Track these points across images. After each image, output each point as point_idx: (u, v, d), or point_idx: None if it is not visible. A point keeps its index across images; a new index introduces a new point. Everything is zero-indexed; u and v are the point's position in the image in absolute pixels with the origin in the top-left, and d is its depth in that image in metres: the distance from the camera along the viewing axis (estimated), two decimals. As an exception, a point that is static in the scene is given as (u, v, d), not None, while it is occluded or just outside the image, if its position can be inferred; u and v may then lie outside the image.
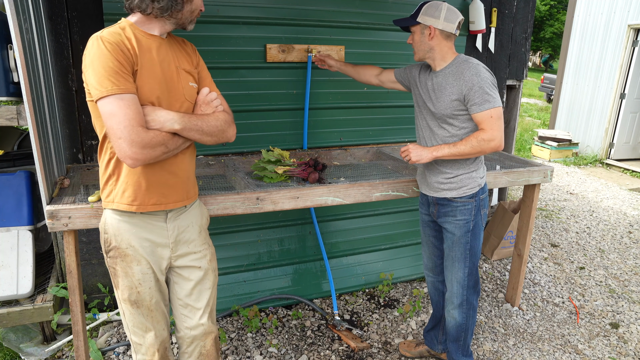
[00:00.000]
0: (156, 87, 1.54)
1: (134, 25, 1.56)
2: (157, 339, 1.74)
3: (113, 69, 1.41)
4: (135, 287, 1.66)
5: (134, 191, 1.58)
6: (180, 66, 1.64)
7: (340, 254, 3.25)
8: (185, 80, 1.65)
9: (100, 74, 1.41)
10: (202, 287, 1.81)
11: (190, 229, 1.75)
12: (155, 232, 1.66)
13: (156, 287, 1.70)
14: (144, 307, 1.69)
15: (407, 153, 2.10)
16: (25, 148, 3.55)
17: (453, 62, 2.06)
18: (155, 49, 1.56)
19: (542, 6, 24.06)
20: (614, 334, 2.94)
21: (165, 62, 1.59)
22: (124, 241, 1.62)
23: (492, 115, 1.96)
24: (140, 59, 1.50)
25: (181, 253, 1.74)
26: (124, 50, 1.46)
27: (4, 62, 2.07)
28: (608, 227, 4.73)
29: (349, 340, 2.71)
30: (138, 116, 1.43)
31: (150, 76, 1.53)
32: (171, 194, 1.65)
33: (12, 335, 2.58)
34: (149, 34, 1.57)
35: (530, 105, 14.06)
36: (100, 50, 1.42)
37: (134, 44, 1.50)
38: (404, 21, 2.11)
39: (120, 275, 1.66)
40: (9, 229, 2.38)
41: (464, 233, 2.16)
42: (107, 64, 1.41)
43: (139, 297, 1.67)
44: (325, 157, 2.95)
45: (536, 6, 11.76)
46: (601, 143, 7.43)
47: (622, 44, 7.01)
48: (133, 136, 1.41)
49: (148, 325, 1.72)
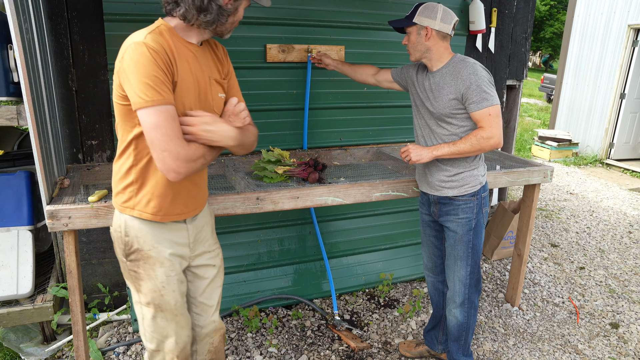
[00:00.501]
0: (190, 98, 1.50)
1: (172, 30, 1.49)
2: (178, 345, 1.70)
3: (158, 78, 1.36)
4: (159, 290, 1.62)
5: (159, 202, 1.55)
6: (212, 76, 1.61)
7: (340, 254, 3.25)
8: (215, 91, 1.62)
9: (144, 83, 1.34)
10: (215, 284, 1.84)
11: (205, 228, 1.78)
12: (176, 233, 1.65)
13: (179, 290, 1.67)
14: (168, 311, 1.65)
15: (407, 153, 2.10)
16: (25, 148, 3.55)
17: (450, 62, 2.07)
18: (192, 59, 1.52)
19: (542, 6, 24.06)
20: (614, 334, 2.94)
21: (199, 73, 1.54)
22: (147, 243, 1.58)
23: (490, 113, 1.97)
24: (178, 69, 1.45)
25: (199, 252, 1.75)
26: (166, 60, 1.40)
27: (4, 62, 2.07)
28: (608, 227, 4.73)
29: (349, 340, 2.71)
30: (180, 129, 1.40)
31: (186, 87, 1.48)
32: (193, 203, 1.67)
33: (12, 335, 2.58)
34: (187, 42, 1.52)
35: (530, 105, 14.07)
36: (145, 57, 1.35)
37: (174, 52, 1.45)
38: (400, 22, 2.11)
39: (143, 279, 1.61)
40: (9, 229, 2.38)
41: (466, 231, 2.16)
42: (152, 72, 1.35)
43: (162, 301, 1.63)
44: (325, 157, 2.95)
45: (536, 6, 11.76)
46: (601, 143, 7.43)
47: (622, 44, 7.01)
48: (179, 149, 1.38)
49: (169, 331, 1.67)
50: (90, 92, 2.55)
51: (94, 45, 2.51)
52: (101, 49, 2.50)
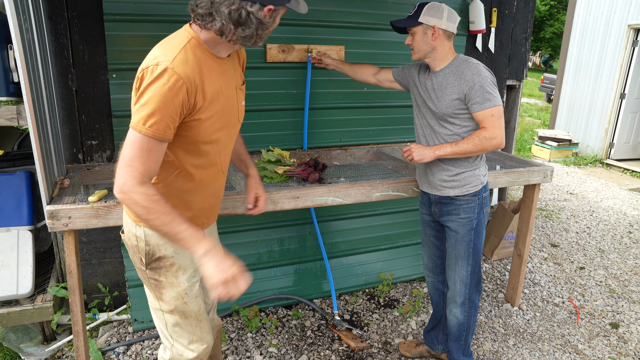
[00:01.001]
0: (220, 118, 1.44)
1: (203, 46, 1.38)
2: (203, 345, 1.67)
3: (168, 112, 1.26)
4: (182, 297, 1.59)
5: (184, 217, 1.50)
6: (237, 85, 1.54)
7: (340, 254, 3.25)
8: (240, 99, 1.58)
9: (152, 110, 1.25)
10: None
11: (213, 230, 1.80)
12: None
13: (201, 295, 1.66)
14: (192, 317, 1.63)
15: (409, 153, 2.10)
16: (25, 148, 3.55)
17: (453, 62, 2.07)
18: (221, 74, 1.44)
19: (542, 6, 24.06)
20: (614, 334, 2.94)
21: (228, 87, 1.48)
22: (169, 249, 1.54)
23: (493, 113, 1.98)
24: (205, 93, 1.36)
25: None
26: (189, 89, 1.30)
27: (4, 62, 2.07)
28: (608, 227, 4.73)
29: (349, 340, 2.71)
30: (153, 165, 1.30)
31: (216, 109, 1.41)
32: (213, 215, 1.68)
33: (12, 335, 2.58)
34: (216, 57, 1.43)
35: (530, 105, 14.06)
36: (165, 86, 1.25)
37: (203, 72, 1.35)
38: (406, 22, 2.10)
39: (165, 287, 1.57)
40: (9, 229, 2.38)
41: (467, 231, 2.17)
42: (165, 103, 1.26)
43: (186, 308, 1.60)
44: (325, 157, 2.95)
45: (536, 6, 11.76)
46: (601, 143, 7.43)
47: (622, 44, 7.01)
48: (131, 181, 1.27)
49: (194, 337, 1.65)
50: (90, 92, 2.55)
51: (94, 45, 2.51)
52: (101, 49, 2.50)
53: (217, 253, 1.30)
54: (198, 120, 1.37)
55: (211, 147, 1.48)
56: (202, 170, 1.51)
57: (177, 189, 1.50)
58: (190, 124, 1.36)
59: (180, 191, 1.50)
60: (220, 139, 1.51)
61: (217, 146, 1.51)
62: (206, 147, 1.46)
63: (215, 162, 1.55)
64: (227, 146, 1.59)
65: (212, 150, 1.50)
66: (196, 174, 1.50)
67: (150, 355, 2.54)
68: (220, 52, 1.44)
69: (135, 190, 1.27)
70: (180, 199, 1.51)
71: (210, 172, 1.55)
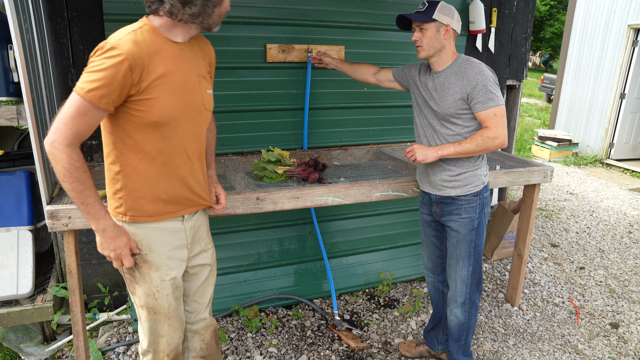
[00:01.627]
0: (173, 99, 1.49)
1: (156, 31, 1.48)
2: (169, 345, 1.73)
3: (111, 83, 1.37)
4: (152, 294, 1.64)
5: (150, 202, 1.56)
6: (200, 73, 1.61)
7: (340, 254, 3.25)
8: (204, 88, 1.62)
9: (94, 77, 1.36)
10: (208, 283, 1.86)
11: (201, 227, 1.78)
12: (174, 236, 1.65)
13: (174, 294, 1.68)
14: (162, 314, 1.67)
15: (412, 153, 2.10)
16: (25, 148, 3.55)
17: (455, 62, 2.08)
18: (177, 58, 1.51)
19: (542, 6, 24.05)
20: (614, 334, 2.94)
21: (186, 72, 1.53)
22: (144, 247, 1.60)
23: (496, 113, 1.98)
24: (154, 72, 1.44)
25: (195, 252, 1.76)
26: (134, 66, 1.39)
27: (4, 62, 2.07)
28: (608, 227, 4.73)
29: (349, 340, 2.71)
30: (86, 130, 1.40)
31: (167, 89, 1.47)
32: (188, 202, 1.67)
33: (12, 335, 2.58)
34: (172, 41, 1.51)
35: (530, 105, 14.06)
36: (111, 56, 1.37)
37: (152, 55, 1.44)
38: (419, 16, 2.04)
39: (138, 282, 1.64)
40: (9, 229, 2.38)
41: (468, 231, 2.17)
42: (108, 74, 1.36)
43: (156, 305, 1.65)
44: (325, 157, 2.95)
45: (536, 6, 11.76)
46: (601, 143, 7.43)
47: (622, 44, 7.01)
48: (61, 137, 1.38)
49: (162, 332, 1.70)
50: (90, 92, 2.55)
51: (94, 45, 2.45)
52: (101, 49, 2.50)
53: (109, 233, 1.50)
54: (149, 100, 1.45)
55: (170, 130, 1.52)
56: (165, 155, 1.54)
57: (143, 174, 1.53)
58: (141, 102, 1.44)
59: (146, 177, 1.54)
60: (181, 123, 1.54)
61: (178, 129, 1.54)
62: (165, 129, 1.51)
63: (179, 146, 1.57)
64: (192, 132, 1.60)
65: (173, 133, 1.53)
66: (159, 158, 1.53)
67: (150, 355, 2.55)
68: (175, 37, 1.52)
69: (62, 150, 1.38)
70: (147, 184, 1.55)
71: (174, 157, 1.57)
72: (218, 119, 2.68)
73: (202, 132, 1.68)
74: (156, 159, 1.53)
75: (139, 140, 1.50)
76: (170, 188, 1.59)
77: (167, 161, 1.55)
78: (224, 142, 2.82)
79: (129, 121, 1.47)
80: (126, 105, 1.45)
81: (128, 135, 1.49)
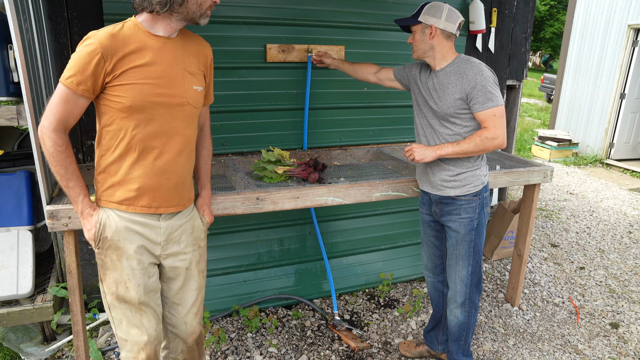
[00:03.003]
0: (148, 87, 1.54)
1: (138, 25, 1.56)
2: (143, 336, 1.70)
3: (86, 70, 1.47)
4: (124, 281, 1.65)
5: (123, 191, 1.60)
6: (186, 69, 1.64)
7: (340, 254, 3.25)
8: (190, 83, 1.64)
9: (72, 66, 1.48)
10: (188, 287, 1.82)
11: (183, 229, 1.75)
12: (147, 229, 1.66)
13: (144, 286, 1.67)
14: (131, 304, 1.67)
15: (410, 152, 2.10)
16: (25, 148, 3.55)
17: (454, 62, 2.07)
18: (158, 51, 1.56)
19: (542, 6, 24.05)
20: (614, 334, 2.94)
21: (168, 64, 1.58)
22: (117, 233, 1.62)
23: (495, 113, 1.98)
24: (130, 62, 1.51)
25: (171, 252, 1.73)
26: (109, 54, 1.48)
27: (4, 62, 2.07)
28: (608, 227, 4.73)
29: (349, 340, 2.71)
30: (69, 117, 1.53)
31: (143, 76, 1.53)
32: (163, 198, 1.65)
33: (12, 335, 2.58)
34: (153, 35, 1.57)
35: (530, 105, 14.06)
36: (85, 46, 1.48)
37: (130, 46, 1.52)
38: (405, 20, 2.13)
39: (109, 268, 1.66)
40: (9, 229, 2.37)
41: (468, 231, 2.17)
42: (84, 62, 1.46)
43: (126, 293, 1.66)
44: (325, 157, 2.95)
45: (536, 6, 11.76)
46: (601, 143, 7.43)
47: (622, 44, 7.01)
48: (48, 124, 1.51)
49: (135, 322, 1.70)
50: (90, 92, 2.55)
51: (94, 45, 2.50)
52: (101, 49, 2.50)
53: (86, 215, 1.62)
54: (124, 85, 1.52)
55: (146, 117, 1.56)
56: (142, 144, 1.58)
57: (119, 160, 1.59)
58: (117, 88, 1.52)
59: (122, 163, 1.59)
60: (157, 111, 1.58)
61: (155, 118, 1.58)
62: (140, 116, 1.56)
63: (157, 137, 1.60)
64: (170, 123, 1.62)
65: (150, 122, 1.57)
66: (135, 146, 1.58)
67: (150, 355, 2.54)
68: (158, 31, 1.58)
69: (49, 135, 1.50)
70: (122, 171, 1.59)
71: (152, 147, 1.60)
72: (218, 119, 2.69)
73: (186, 128, 1.67)
74: (132, 147, 1.58)
75: (118, 125, 1.56)
76: (144, 178, 1.60)
77: (143, 150, 1.59)
78: (224, 142, 2.82)
79: (108, 107, 1.55)
80: (105, 92, 1.54)
81: (109, 120, 1.57)
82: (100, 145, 1.61)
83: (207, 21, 1.63)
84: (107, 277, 1.67)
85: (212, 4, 1.61)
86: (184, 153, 1.68)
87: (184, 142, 1.68)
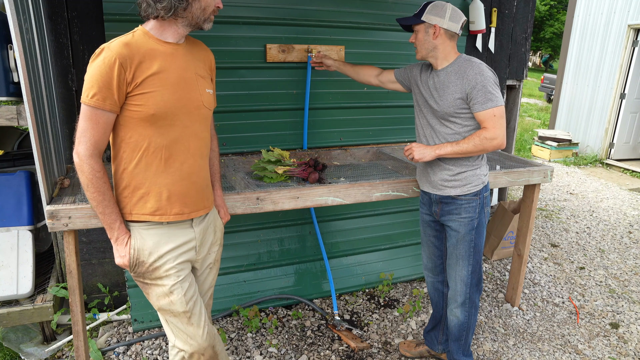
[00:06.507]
0: (169, 93, 1.54)
1: (148, 34, 1.56)
2: (200, 344, 1.71)
3: (106, 85, 1.44)
4: (167, 295, 1.65)
5: (154, 201, 1.58)
6: (198, 72, 1.65)
7: (340, 254, 3.25)
8: (203, 86, 1.66)
9: (92, 84, 1.44)
10: (207, 281, 1.88)
11: (209, 230, 1.80)
12: (182, 237, 1.67)
13: (189, 294, 1.68)
14: (181, 315, 1.67)
15: (410, 151, 2.10)
16: (25, 148, 3.55)
17: (456, 61, 2.07)
18: (170, 57, 1.56)
19: (542, 6, 24.04)
20: (614, 334, 2.94)
21: (182, 69, 1.58)
22: (152, 255, 1.62)
23: (495, 114, 1.98)
24: (147, 69, 1.50)
25: (203, 254, 1.78)
26: (126, 65, 1.46)
27: (4, 62, 2.07)
28: (608, 227, 4.73)
29: (349, 340, 2.71)
30: (102, 137, 1.50)
31: (162, 84, 1.52)
32: (192, 203, 1.67)
33: (12, 335, 2.58)
34: (163, 42, 1.57)
35: (530, 105, 14.06)
36: (102, 61, 1.44)
37: (144, 54, 1.50)
38: (409, 20, 2.12)
39: (151, 287, 1.67)
40: (9, 229, 2.38)
41: (468, 231, 2.17)
42: (103, 77, 1.44)
43: (172, 307, 1.66)
44: (325, 157, 2.95)
45: (536, 6, 11.76)
46: (601, 143, 7.43)
47: (622, 44, 7.01)
48: (84, 149, 1.49)
49: (185, 335, 1.70)
50: (90, 92, 2.55)
51: (94, 45, 2.49)
52: (101, 49, 2.50)
53: (121, 242, 1.59)
54: (146, 94, 1.50)
55: (168, 124, 1.55)
56: (166, 151, 1.57)
57: (145, 170, 1.57)
58: (138, 97, 1.50)
59: (147, 173, 1.57)
60: (178, 117, 1.57)
61: (176, 124, 1.57)
62: (163, 123, 1.54)
63: (179, 141, 1.59)
64: (190, 128, 1.62)
65: (171, 128, 1.56)
66: (160, 154, 1.57)
67: (150, 355, 2.54)
68: (167, 38, 1.58)
69: (87, 161, 1.48)
70: (149, 180, 1.57)
71: (176, 153, 1.59)
72: (218, 119, 2.69)
73: (203, 131, 1.70)
74: (157, 155, 1.56)
75: (139, 136, 1.54)
76: (173, 185, 1.60)
77: (168, 157, 1.58)
78: (224, 142, 2.82)
79: (128, 118, 1.52)
80: (126, 103, 1.50)
81: (129, 132, 1.54)
82: (119, 159, 1.58)
83: (211, 26, 1.64)
84: (150, 295, 1.69)
85: (216, 9, 1.62)
86: (204, 156, 1.71)
87: (203, 145, 1.70)
